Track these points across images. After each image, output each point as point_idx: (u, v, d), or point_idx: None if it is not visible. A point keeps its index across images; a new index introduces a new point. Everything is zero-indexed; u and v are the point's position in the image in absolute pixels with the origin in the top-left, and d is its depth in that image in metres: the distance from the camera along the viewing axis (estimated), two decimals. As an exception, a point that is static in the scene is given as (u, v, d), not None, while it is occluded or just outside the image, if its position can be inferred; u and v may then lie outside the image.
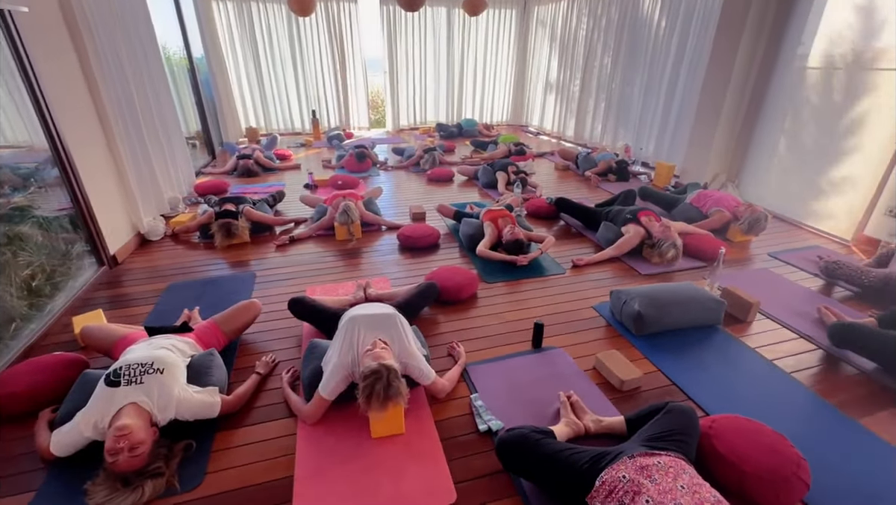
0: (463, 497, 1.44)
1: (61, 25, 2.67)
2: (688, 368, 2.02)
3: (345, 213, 3.26)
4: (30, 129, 2.43)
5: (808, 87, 3.67)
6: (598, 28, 6.03)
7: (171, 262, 3.08)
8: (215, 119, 6.21)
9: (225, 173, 5.14)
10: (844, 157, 3.43)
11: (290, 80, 7.19)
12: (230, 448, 1.62)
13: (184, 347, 1.81)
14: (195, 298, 2.56)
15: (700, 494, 1.15)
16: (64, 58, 2.68)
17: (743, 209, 3.38)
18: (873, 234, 3.27)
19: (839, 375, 2.02)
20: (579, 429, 1.66)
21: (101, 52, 2.89)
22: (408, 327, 1.86)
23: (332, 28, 6.94)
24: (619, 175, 4.95)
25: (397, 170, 5.52)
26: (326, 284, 2.78)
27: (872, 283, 2.58)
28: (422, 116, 8.09)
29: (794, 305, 2.55)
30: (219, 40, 6.47)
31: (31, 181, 2.44)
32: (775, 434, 1.52)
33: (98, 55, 2.87)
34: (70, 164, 2.59)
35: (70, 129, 2.62)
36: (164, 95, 3.97)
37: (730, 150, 4.38)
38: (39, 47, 2.42)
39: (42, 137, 2.46)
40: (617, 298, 2.37)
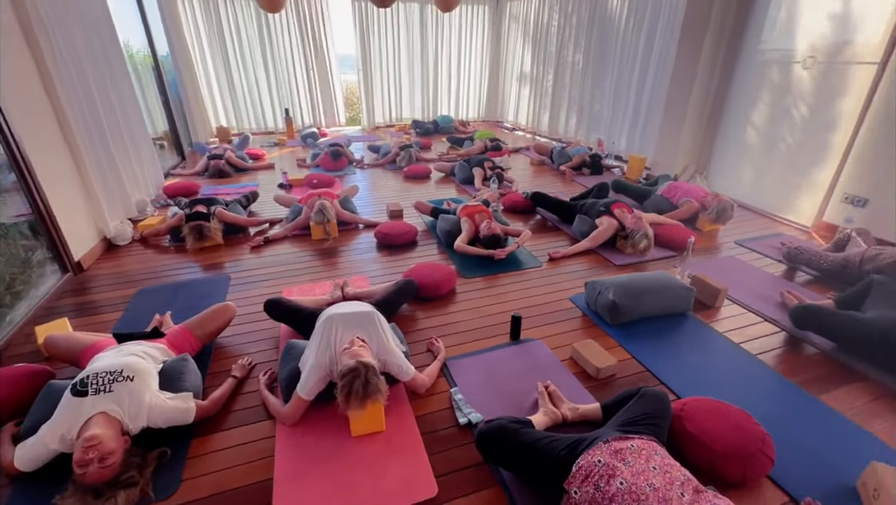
0: (444, 490, 1.45)
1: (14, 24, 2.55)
2: (660, 355, 2.09)
3: (320, 212, 3.22)
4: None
5: (769, 80, 3.81)
6: (569, 25, 6.11)
7: (141, 266, 2.98)
8: (184, 119, 6.03)
9: (195, 174, 5.00)
10: (804, 148, 3.59)
11: (262, 79, 7.03)
12: (207, 454, 1.59)
13: (155, 354, 1.76)
14: (167, 303, 2.49)
15: (671, 473, 1.19)
16: (18, 58, 2.56)
17: (710, 199, 3.50)
18: (831, 220, 3.43)
19: (801, 355, 2.12)
20: (557, 417, 1.69)
21: (58, 51, 2.77)
22: (386, 325, 1.86)
23: (302, 24, 6.81)
24: (593, 169, 5.04)
25: (374, 168, 5.48)
26: (303, 284, 2.75)
27: (830, 266, 2.71)
28: (397, 113, 8.04)
29: (759, 290, 2.65)
30: (185, 38, 6.27)
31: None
32: (742, 413, 1.59)
33: (55, 54, 2.75)
34: (28, 168, 2.48)
35: (27, 132, 2.50)
36: (128, 95, 3.83)
37: (697, 142, 4.51)
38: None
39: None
40: (592, 288, 2.42)
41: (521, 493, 1.43)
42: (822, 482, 1.47)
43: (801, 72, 3.53)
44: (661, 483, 1.15)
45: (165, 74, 5.55)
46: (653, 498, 1.11)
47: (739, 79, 4.07)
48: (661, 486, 1.14)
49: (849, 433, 1.66)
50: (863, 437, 1.65)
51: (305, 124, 7.48)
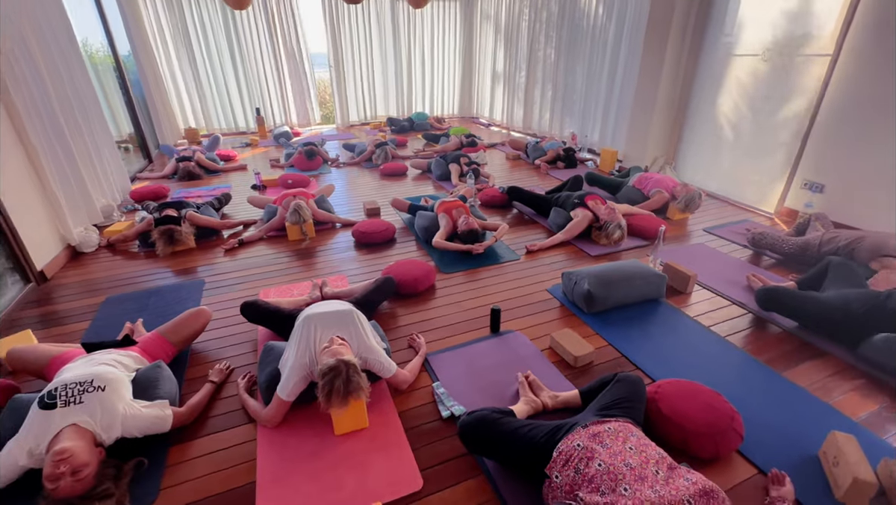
0: (429, 483, 1.47)
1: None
2: (635, 340, 2.15)
3: (296, 212, 3.18)
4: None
5: (731, 74, 3.95)
6: (540, 21, 6.17)
7: (109, 273, 2.88)
8: (149, 120, 5.83)
9: (164, 177, 4.85)
10: (766, 138, 3.74)
11: (230, 78, 6.86)
12: (186, 461, 1.56)
13: (128, 362, 1.72)
14: (138, 310, 2.42)
15: (646, 452, 1.24)
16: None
17: (679, 189, 3.61)
18: (793, 206, 3.59)
19: (767, 335, 2.22)
20: (537, 406, 1.72)
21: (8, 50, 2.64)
22: (366, 322, 1.85)
23: (271, 21, 6.67)
24: (567, 162, 5.12)
25: (349, 166, 5.43)
26: (281, 285, 2.71)
27: (792, 250, 2.84)
28: (372, 111, 7.97)
29: (727, 275, 2.76)
30: (147, 36, 6.05)
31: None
32: (712, 393, 1.66)
33: (6, 54, 2.61)
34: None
35: None
36: (88, 96, 3.68)
37: (666, 134, 4.64)
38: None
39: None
40: (568, 279, 2.47)
41: (505, 480, 1.46)
42: (788, 454, 1.55)
43: (761, 65, 3.67)
44: (637, 462, 1.19)
45: (128, 74, 5.35)
46: (630, 476, 1.15)
47: (703, 73, 4.20)
48: (637, 465, 1.18)
49: (811, 406, 1.76)
50: (823, 409, 1.74)
51: (277, 124, 7.33)
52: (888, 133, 2.94)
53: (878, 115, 2.98)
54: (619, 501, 1.10)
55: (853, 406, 1.77)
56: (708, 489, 1.11)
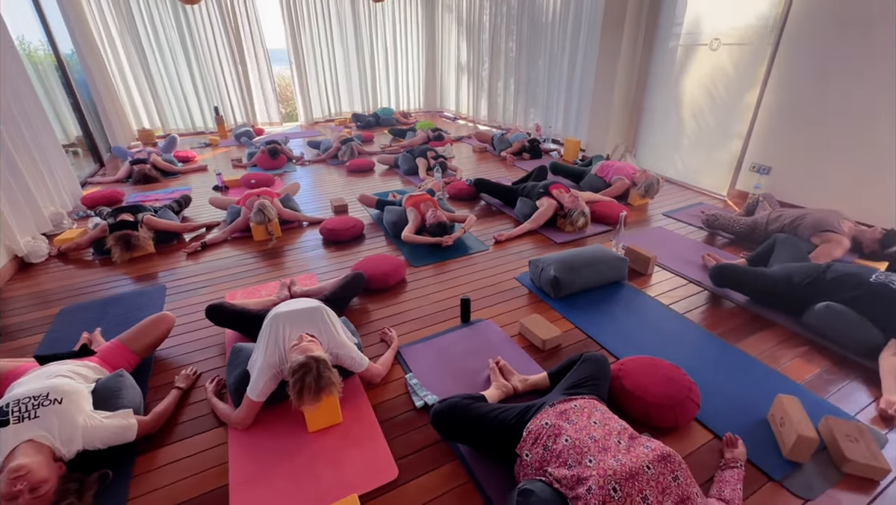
0: (405, 471, 1.49)
1: None
2: (600, 322, 2.24)
3: (260, 211, 3.11)
4: None
5: (684, 62, 4.11)
6: (500, 13, 6.22)
7: (62, 284, 2.75)
8: (98, 122, 5.54)
9: (118, 181, 4.63)
10: (719, 123, 3.92)
11: (185, 76, 6.59)
12: (154, 469, 1.52)
13: (86, 372, 1.65)
14: (96, 320, 2.32)
15: (609, 425, 1.30)
16: None
17: (639, 175, 3.74)
18: (743, 188, 3.79)
19: (721, 310, 2.35)
20: (508, 390, 1.77)
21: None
22: (335, 318, 1.85)
23: (225, 17, 6.45)
24: (532, 153, 5.21)
25: (315, 164, 5.34)
26: (248, 287, 2.65)
27: (742, 229, 3.01)
28: (336, 107, 7.85)
29: (685, 255, 2.89)
30: (92, 34, 5.73)
31: None
32: (671, 367, 1.75)
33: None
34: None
35: None
36: (29, 98, 3.47)
37: (625, 123, 4.79)
38: None
39: None
40: (535, 266, 2.53)
41: (479, 463, 1.49)
42: (741, 418, 1.66)
43: (711, 54, 3.84)
44: (600, 435, 1.25)
45: (72, 74, 5.06)
46: (594, 448, 1.21)
47: (657, 62, 4.36)
48: (600, 437, 1.24)
49: (761, 373, 1.88)
50: (772, 375, 1.87)
51: (238, 122, 7.12)
52: (826, 115, 3.14)
53: (816, 99, 3.18)
54: (585, 472, 1.16)
55: (798, 371, 1.90)
56: (665, 454, 1.18)
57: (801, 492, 1.39)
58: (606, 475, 1.12)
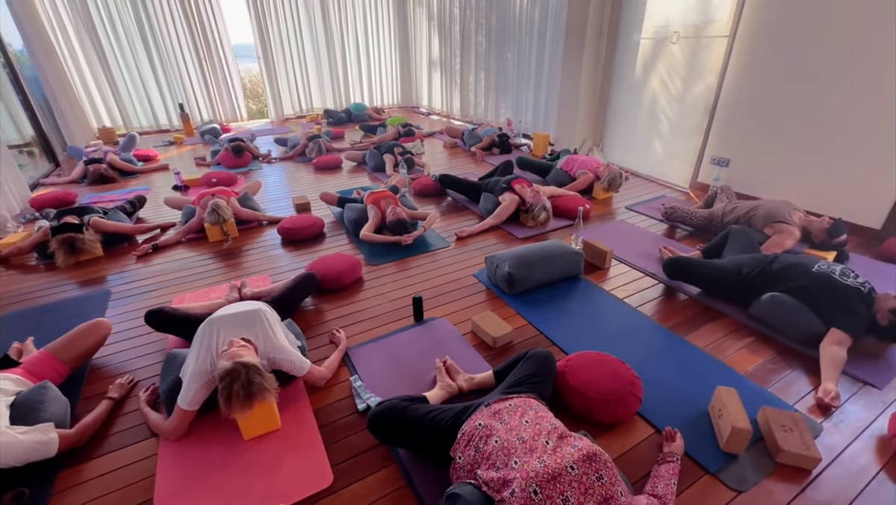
0: (340, 477, 1.45)
1: None
2: (553, 317, 2.22)
3: (214, 211, 3.02)
4: None
5: (646, 56, 4.12)
6: (470, 6, 6.17)
7: (3, 290, 2.62)
8: (53, 121, 5.33)
9: (72, 182, 4.46)
10: (680, 116, 3.95)
11: (147, 71, 6.38)
12: (77, 485, 1.45)
13: (5, 385, 1.57)
14: (31, 328, 2.22)
15: (540, 424, 1.28)
16: None
17: (602, 169, 3.74)
18: (704, 180, 3.83)
19: (674, 302, 2.36)
20: (453, 389, 1.74)
21: None
22: (275, 321, 1.79)
23: (188, 10, 6.25)
24: (501, 148, 5.19)
25: (283, 161, 5.23)
26: (199, 290, 2.57)
27: (700, 222, 3.03)
28: (307, 103, 7.70)
29: (643, 248, 2.90)
30: (45, 29, 5.49)
31: None
32: (616, 361, 1.74)
33: None
34: None
35: None
36: (-34, 96, 3.30)
37: (592, 118, 4.80)
38: None
39: None
40: (491, 262, 2.51)
41: (417, 468, 1.46)
42: (683, 412, 1.66)
43: (672, 47, 3.86)
44: (529, 435, 1.23)
45: (21, 72, 4.84)
46: (520, 449, 1.19)
47: (620, 56, 4.36)
48: (529, 437, 1.22)
49: (706, 365, 1.89)
50: (717, 367, 1.88)
51: (205, 120, 6.93)
52: (781, 108, 3.19)
53: (771, 92, 3.22)
54: (510, 474, 1.13)
55: (743, 362, 1.92)
56: (591, 454, 1.16)
57: (734, 484, 1.40)
58: (529, 477, 1.09)
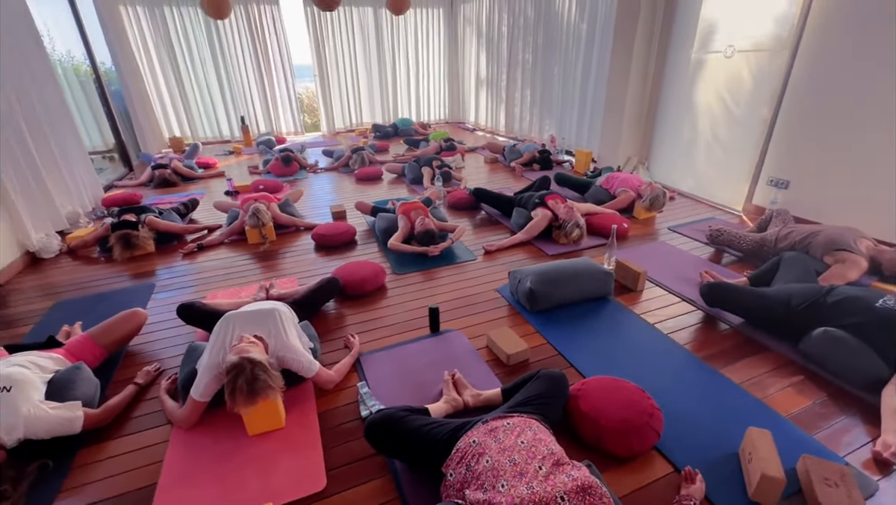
0: (333, 483, 1.43)
1: None
2: (576, 338, 2.11)
3: (254, 215, 3.18)
4: None
5: (698, 72, 3.92)
6: (517, 25, 6.20)
7: (66, 278, 2.90)
8: (131, 131, 5.90)
9: (140, 185, 4.89)
10: (734, 134, 3.69)
11: (215, 87, 6.94)
12: (95, 462, 1.54)
13: (45, 363, 1.70)
14: (83, 314, 2.42)
15: (537, 448, 1.20)
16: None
17: (645, 188, 3.57)
18: (760, 203, 3.54)
19: (712, 331, 2.17)
20: (458, 404, 1.69)
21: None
22: (289, 321, 1.83)
23: (253, 31, 6.75)
24: (542, 164, 5.10)
25: (328, 171, 5.45)
26: (232, 288, 2.70)
27: (750, 246, 2.79)
28: (357, 118, 8.02)
29: (682, 272, 2.71)
30: (131, 49, 6.15)
31: None
32: (636, 389, 1.61)
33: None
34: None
35: None
36: (57, 108, 3.73)
37: (639, 135, 4.61)
38: None
39: None
40: (514, 277, 2.44)
41: (410, 482, 1.42)
42: (709, 451, 1.50)
43: (726, 62, 3.64)
44: (522, 458, 1.16)
45: (108, 86, 5.43)
46: (510, 472, 1.12)
47: (671, 72, 4.18)
48: (521, 460, 1.15)
49: (741, 403, 1.70)
50: (754, 406, 1.69)
51: (263, 132, 7.39)
52: (849, 127, 2.90)
53: (837, 109, 2.94)
54: (496, 497, 1.07)
55: (787, 402, 1.72)
56: (586, 486, 1.07)
57: (762, 539, 1.23)
58: (513, 503, 1.02)
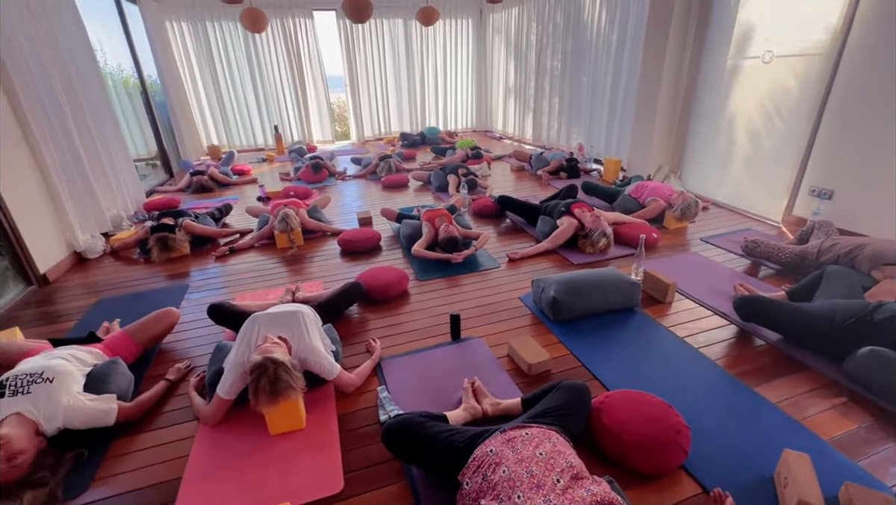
0: (350, 486, 1.44)
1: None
2: (600, 350, 2.06)
3: (283, 220, 3.27)
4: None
5: (734, 77, 3.79)
6: (546, 33, 6.18)
7: (108, 278, 3.05)
8: (172, 139, 6.21)
9: (179, 191, 5.12)
10: (773, 142, 3.54)
11: (251, 97, 7.22)
12: (126, 454, 1.61)
13: (85, 357, 1.80)
14: (121, 312, 2.54)
15: (555, 460, 1.17)
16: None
17: (676, 197, 3.46)
18: (801, 214, 3.37)
19: (747, 347, 2.07)
20: (477, 412, 1.67)
21: (27, 75, 2.90)
22: (312, 323, 1.87)
23: (289, 43, 7.01)
24: (569, 172, 5.04)
25: (356, 178, 5.56)
26: (261, 290, 2.78)
27: (789, 259, 2.65)
28: (386, 127, 8.16)
29: (715, 284, 2.60)
30: (175, 62, 6.50)
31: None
32: (662, 404, 1.55)
33: (24, 79, 2.87)
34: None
35: None
36: (106, 117, 3.96)
37: (671, 143, 4.49)
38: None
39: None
40: (537, 286, 2.40)
41: (427, 489, 1.41)
42: (742, 474, 1.42)
43: (763, 66, 3.51)
44: (540, 469, 1.13)
45: (153, 97, 5.74)
46: (527, 484, 1.09)
47: (705, 78, 4.06)
48: (539, 472, 1.12)
49: (777, 424, 1.61)
50: (791, 427, 1.59)
51: (295, 140, 7.63)
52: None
53: (886, 115, 2.78)
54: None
55: (828, 425, 1.61)
56: (606, 502, 1.03)
57: (798, 571, 1.16)
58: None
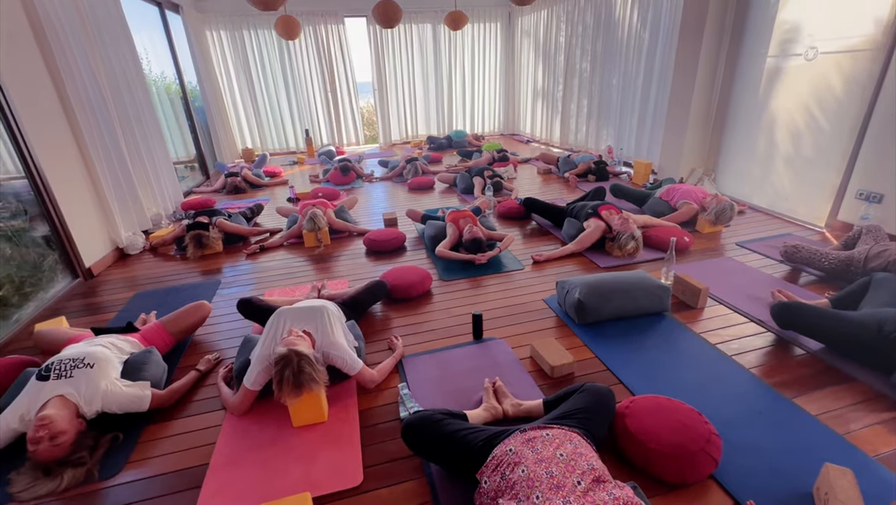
0: (369, 480, 1.45)
1: (35, 55, 2.87)
2: (625, 354, 2.00)
3: (311, 220, 3.35)
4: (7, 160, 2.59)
5: (773, 76, 3.63)
6: (576, 34, 6.11)
7: (146, 273, 3.20)
8: (209, 142, 6.47)
9: (214, 191, 5.32)
10: (816, 143, 3.37)
11: (284, 102, 7.45)
12: (159, 439, 1.67)
13: (123, 346, 1.89)
14: (156, 305, 2.66)
15: (576, 462, 1.14)
16: (38, 87, 2.87)
17: (709, 200, 3.34)
18: (846, 218, 3.18)
19: (785, 356, 1.96)
20: (497, 413, 1.65)
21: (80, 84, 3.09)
22: (336, 319, 1.90)
23: (321, 49, 7.20)
24: (598, 175, 4.94)
25: (383, 181, 5.63)
26: (286, 287, 2.84)
27: (833, 265, 2.51)
28: (413, 130, 8.24)
29: (751, 290, 2.49)
30: (214, 69, 6.78)
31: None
32: (691, 412, 1.49)
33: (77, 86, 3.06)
34: (46, 190, 2.76)
35: (49, 162, 2.80)
36: (150, 122, 4.16)
37: (705, 145, 4.33)
38: (14, 80, 2.61)
39: (19, 166, 2.63)
40: (562, 288, 2.36)
41: (445, 486, 1.40)
42: (776, 487, 1.35)
43: (805, 64, 3.35)
44: (560, 471, 1.10)
45: (192, 102, 6.00)
46: (546, 484, 1.07)
47: (742, 77, 3.90)
48: (558, 473, 1.10)
49: (818, 437, 1.52)
50: (833, 441, 1.50)
51: (325, 143, 7.81)
52: (958, 133, 2.54)
53: (944, 114, 2.60)
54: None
55: (875, 441, 1.50)
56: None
57: (839, 593, 1.08)
58: (548, 517, 0.98)
